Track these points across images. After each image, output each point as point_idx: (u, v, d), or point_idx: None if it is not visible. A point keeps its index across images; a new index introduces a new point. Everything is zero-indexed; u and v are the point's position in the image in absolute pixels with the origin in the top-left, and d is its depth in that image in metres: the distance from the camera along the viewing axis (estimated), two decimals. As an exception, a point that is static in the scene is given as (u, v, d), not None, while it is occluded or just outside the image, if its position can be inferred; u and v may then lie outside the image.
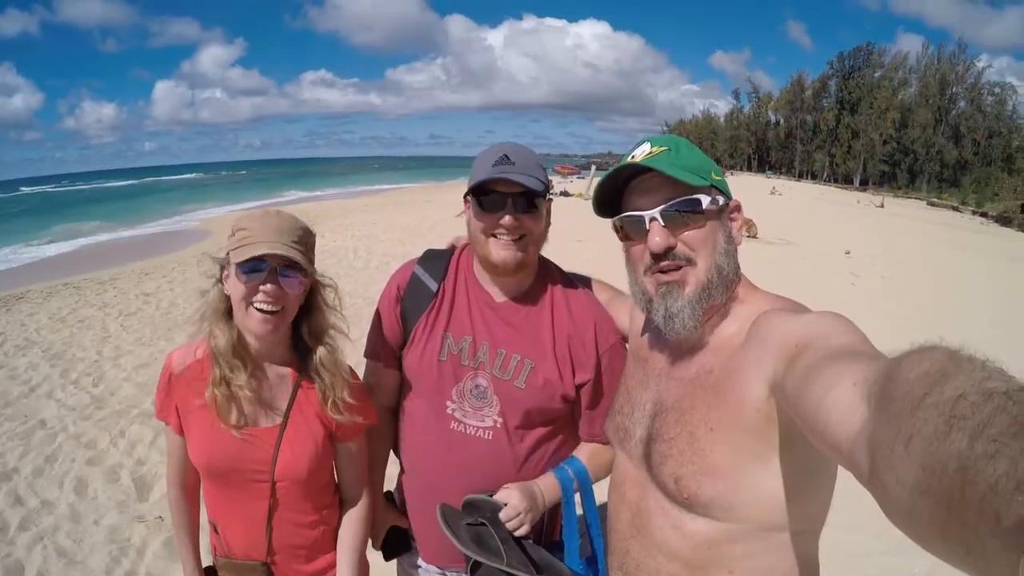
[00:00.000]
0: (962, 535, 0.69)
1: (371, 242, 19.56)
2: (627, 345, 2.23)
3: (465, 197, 2.23)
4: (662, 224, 1.66)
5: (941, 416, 0.74)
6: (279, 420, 2.16)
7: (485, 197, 2.16)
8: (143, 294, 13.41)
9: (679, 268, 1.68)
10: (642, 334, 2.01)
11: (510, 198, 2.13)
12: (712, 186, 1.70)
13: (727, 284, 1.69)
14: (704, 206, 1.65)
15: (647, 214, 1.68)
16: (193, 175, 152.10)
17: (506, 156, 2.15)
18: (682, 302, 1.66)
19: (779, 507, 1.54)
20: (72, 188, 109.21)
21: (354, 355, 2.28)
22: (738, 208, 1.78)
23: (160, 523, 5.01)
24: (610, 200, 1.82)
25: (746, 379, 1.52)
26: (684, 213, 1.66)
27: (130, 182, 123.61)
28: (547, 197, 2.24)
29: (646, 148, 1.73)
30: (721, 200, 1.71)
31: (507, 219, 2.13)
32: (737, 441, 1.54)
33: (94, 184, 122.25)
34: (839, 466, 1.19)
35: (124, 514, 5.13)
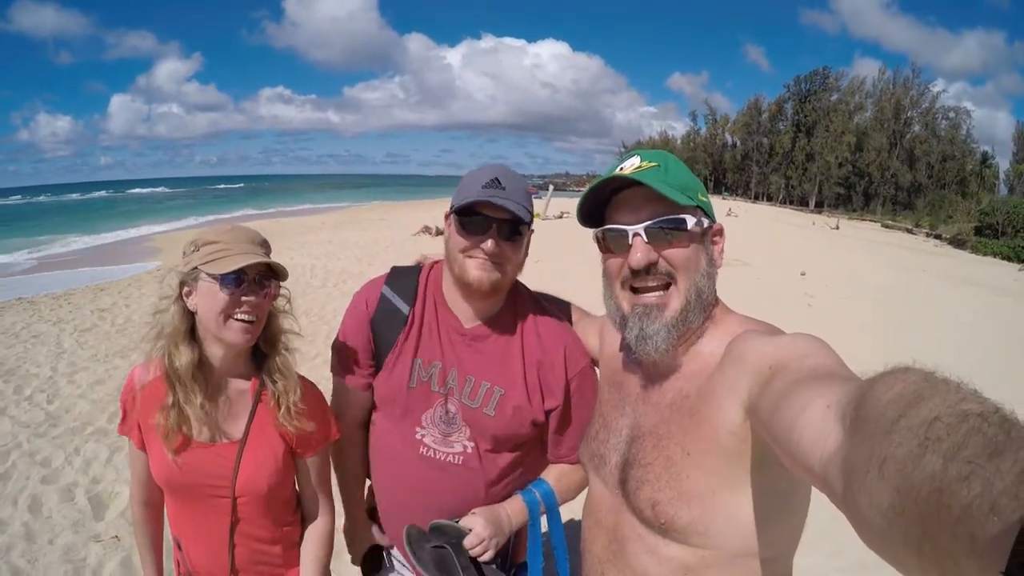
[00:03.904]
0: (937, 557, 0.69)
1: (328, 260, 19.45)
2: (597, 368, 2.22)
3: (448, 215, 2.21)
4: (645, 240, 1.66)
5: (915, 438, 0.74)
6: (239, 435, 2.15)
7: (469, 219, 2.12)
8: (98, 310, 13.16)
9: (659, 289, 1.68)
10: (614, 358, 2.01)
11: (495, 223, 2.10)
12: (698, 207, 1.69)
13: (705, 307, 1.69)
14: (689, 226, 1.65)
15: (631, 229, 1.68)
16: (148, 190, 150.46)
17: (497, 180, 2.12)
18: (658, 324, 1.66)
19: (754, 532, 1.54)
20: (25, 201, 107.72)
21: (313, 372, 2.28)
22: (720, 232, 1.77)
23: (117, 543, 4.93)
24: (594, 211, 1.81)
25: (721, 403, 1.52)
26: (668, 231, 1.66)
27: (84, 196, 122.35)
28: (530, 227, 2.22)
29: (635, 162, 1.72)
30: (706, 222, 1.71)
31: (489, 244, 2.10)
32: (713, 466, 1.54)
33: (48, 198, 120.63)
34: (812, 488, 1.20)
35: (80, 533, 5.03)
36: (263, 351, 2.19)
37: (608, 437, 1.87)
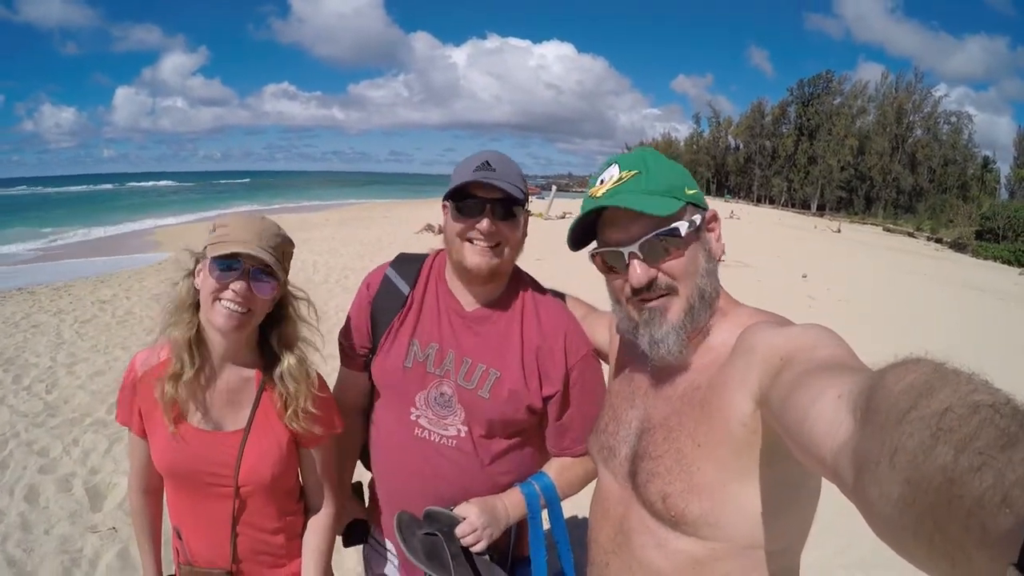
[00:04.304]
0: (947, 548, 0.69)
1: (331, 256, 19.48)
2: (608, 361, 2.20)
3: (444, 202, 2.22)
4: (641, 258, 1.63)
5: (927, 429, 0.74)
6: (243, 424, 2.15)
7: (464, 202, 2.15)
8: (99, 301, 13.19)
9: (662, 296, 1.65)
10: (625, 351, 1.99)
11: (489, 204, 2.13)
12: (687, 204, 1.66)
13: (709, 304, 1.67)
14: (682, 233, 1.61)
15: (625, 249, 1.64)
16: (151, 183, 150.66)
17: (487, 163, 2.15)
18: (666, 328, 1.64)
19: (764, 524, 1.52)
20: (30, 192, 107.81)
21: (321, 368, 2.27)
22: (715, 217, 1.74)
23: (114, 534, 4.91)
24: (586, 233, 1.80)
25: (732, 394, 1.51)
26: (664, 240, 1.62)
27: (88, 188, 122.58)
28: (525, 208, 2.25)
29: (614, 173, 1.68)
30: (698, 219, 1.66)
31: (484, 224, 2.12)
32: (724, 458, 1.52)
33: (52, 189, 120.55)
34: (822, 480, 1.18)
35: (76, 524, 5.02)
36: (276, 351, 2.19)
37: (618, 429, 1.85)
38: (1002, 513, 0.63)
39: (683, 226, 1.62)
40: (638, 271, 1.63)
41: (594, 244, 1.79)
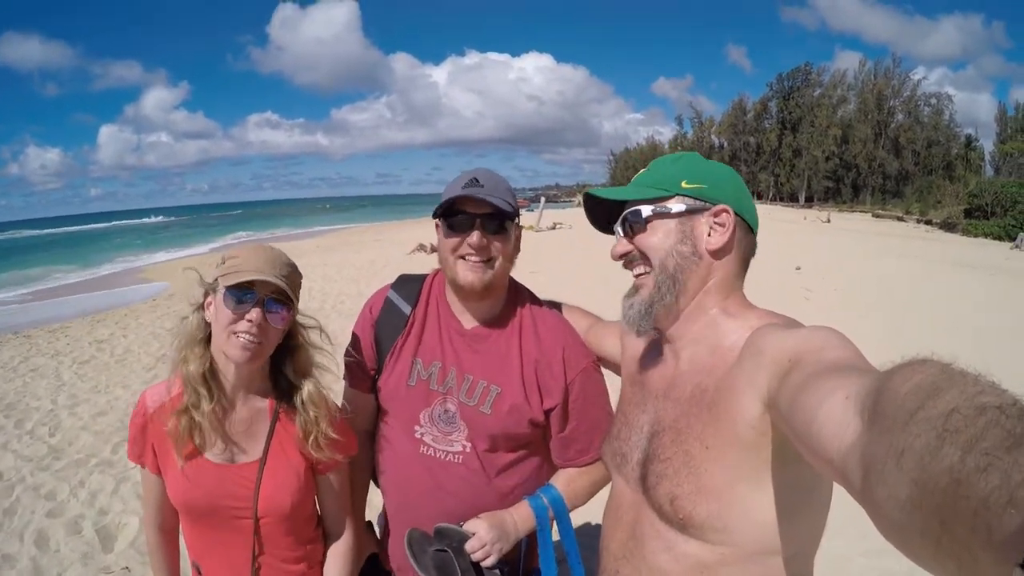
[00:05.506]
0: (954, 549, 0.69)
1: (325, 282, 19.49)
2: (620, 370, 2.20)
3: (435, 219, 2.25)
4: (621, 235, 1.82)
5: (933, 430, 0.74)
6: (258, 455, 2.14)
7: (454, 218, 2.20)
8: (96, 341, 13.16)
9: (642, 273, 1.77)
10: (636, 357, 2.02)
11: (478, 219, 2.18)
12: (679, 194, 1.73)
13: (674, 281, 1.71)
14: (644, 215, 1.74)
15: (616, 227, 1.84)
16: (140, 220, 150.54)
17: (475, 179, 2.20)
18: (635, 300, 1.77)
19: (774, 530, 1.53)
20: (18, 236, 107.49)
21: (333, 388, 2.28)
22: (723, 211, 1.71)
23: (127, 574, 4.90)
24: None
25: (740, 396, 1.51)
26: (632, 223, 1.78)
27: (77, 228, 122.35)
28: (516, 222, 2.28)
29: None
30: (675, 207, 1.73)
31: (475, 238, 2.16)
32: (732, 460, 1.53)
33: (41, 231, 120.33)
34: (834, 483, 1.19)
35: (88, 566, 5.00)
36: (291, 379, 2.19)
37: (630, 435, 1.87)
38: (1008, 514, 0.63)
39: (646, 209, 1.75)
40: (616, 245, 1.83)
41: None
